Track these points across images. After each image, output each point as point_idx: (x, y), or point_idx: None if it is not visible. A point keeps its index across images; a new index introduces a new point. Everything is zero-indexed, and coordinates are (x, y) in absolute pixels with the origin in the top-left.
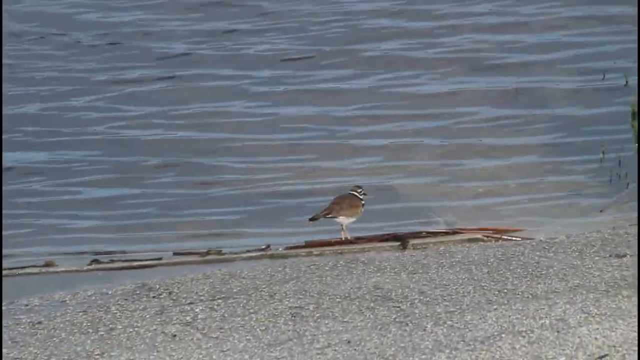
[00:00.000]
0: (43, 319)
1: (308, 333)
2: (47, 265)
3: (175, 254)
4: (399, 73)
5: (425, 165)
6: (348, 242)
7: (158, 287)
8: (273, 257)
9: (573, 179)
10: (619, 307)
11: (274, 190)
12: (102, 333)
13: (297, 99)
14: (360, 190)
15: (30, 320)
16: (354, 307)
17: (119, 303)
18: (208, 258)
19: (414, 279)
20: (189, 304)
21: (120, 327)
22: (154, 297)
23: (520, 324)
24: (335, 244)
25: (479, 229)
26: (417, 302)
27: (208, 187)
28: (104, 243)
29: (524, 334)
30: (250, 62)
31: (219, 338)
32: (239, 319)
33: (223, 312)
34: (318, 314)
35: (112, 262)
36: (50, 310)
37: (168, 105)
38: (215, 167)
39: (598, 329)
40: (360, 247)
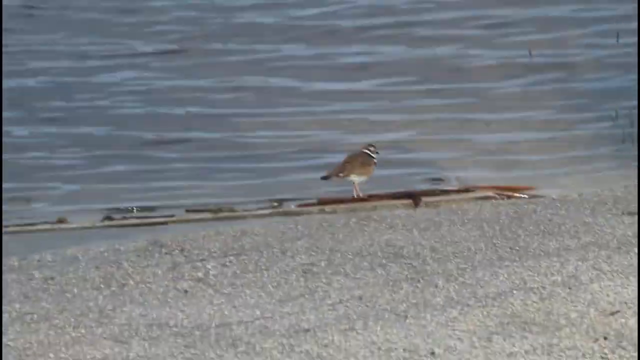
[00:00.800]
0: (55, 275)
1: (320, 289)
2: (59, 222)
3: (188, 211)
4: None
5: (438, 123)
6: (360, 199)
7: (170, 243)
8: (285, 214)
9: (586, 137)
10: (631, 264)
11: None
12: (114, 289)
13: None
14: (373, 149)
15: (43, 276)
16: (366, 263)
17: (131, 259)
18: (220, 215)
19: (426, 236)
20: (201, 261)
21: (133, 282)
22: (166, 253)
23: (532, 281)
24: (348, 202)
25: (491, 187)
26: (428, 259)
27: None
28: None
29: (536, 291)
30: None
31: (231, 294)
32: (251, 275)
33: (235, 268)
34: (330, 271)
35: (124, 219)
36: (63, 266)
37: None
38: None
39: (610, 286)
40: (373, 204)
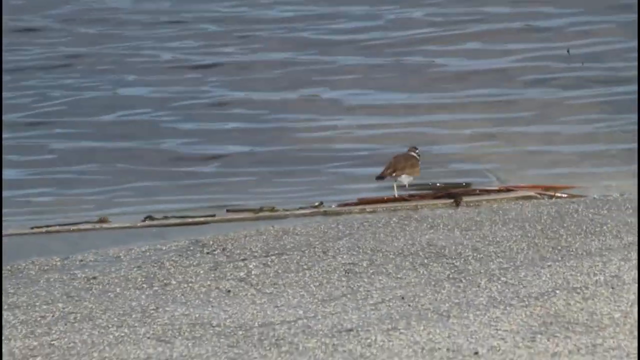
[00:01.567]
0: (98, 274)
1: (362, 289)
2: (101, 222)
3: (229, 211)
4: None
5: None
6: (401, 199)
7: (212, 243)
8: (326, 214)
9: (626, 135)
10: None
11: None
12: (156, 288)
13: None
14: (417, 151)
15: (85, 276)
16: (408, 263)
17: (173, 259)
18: (261, 215)
19: (467, 236)
20: (243, 260)
21: (175, 282)
22: (208, 253)
23: (575, 281)
24: (389, 201)
25: (532, 187)
26: (470, 258)
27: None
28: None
29: (579, 291)
30: None
31: (273, 293)
32: (293, 275)
33: (277, 268)
34: (371, 270)
35: (165, 218)
36: (105, 266)
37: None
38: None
39: None
40: (413, 204)
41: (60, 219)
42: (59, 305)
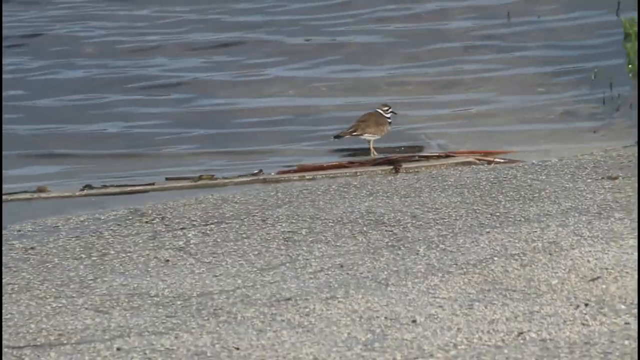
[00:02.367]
0: (36, 244)
1: (301, 257)
2: (39, 191)
3: (168, 179)
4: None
5: (418, 90)
6: (341, 165)
7: (151, 212)
8: (265, 181)
9: (564, 102)
10: (611, 229)
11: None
12: (94, 258)
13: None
14: (387, 108)
15: (23, 246)
16: (347, 231)
17: (112, 228)
18: (200, 183)
19: (407, 203)
20: (182, 229)
21: (113, 252)
22: (147, 222)
23: (513, 247)
24: (327, 168)
25: (471, 152)
26: (409, 225)
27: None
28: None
29: (517, 257)
30: None
31: (212, 263)
32: (232, 244)
33: (216, 237)
34: (310, 239)
35: (104, 187)
36: (43, 236)
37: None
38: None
39: (590, 252)
40: (353, 171)
41: None
42: None
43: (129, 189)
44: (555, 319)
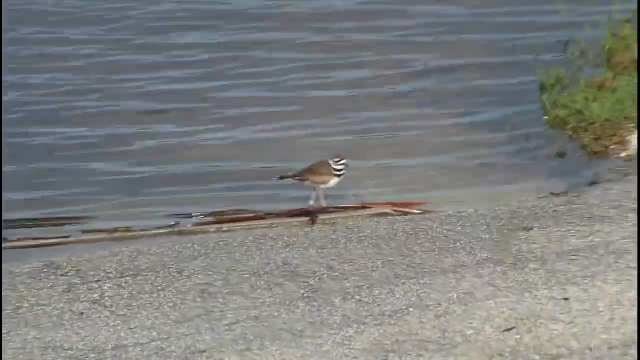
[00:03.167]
0: None
1: (216, 309)
2: None
3: (84, 232)
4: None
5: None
6: (257, 217)
7: (66, 265)
8: (181, 233)
9: (481, 153)
10: (526, 280)
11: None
12: (9, 311)
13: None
14: (338, 160)
15: None
16: (263, 283)
17: (26, 282)
18: (116, 235)
19: (323, 254)
20: (97, 282)
21: (28, 305)
22: (62, 275)
23: (428, 298)
24: (244, 220)
25: (388, 204)
26: (325, 277)
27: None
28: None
29: (432, 308)
30: None
31: (127, 315)
32: (147, 296)
33: (131, 289)
34: (227, 291)
35: (19, 240)
36: None
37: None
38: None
39: (505, 302)
40: (269, 222)
41: None
42: None
43: (44, 242)
44: None
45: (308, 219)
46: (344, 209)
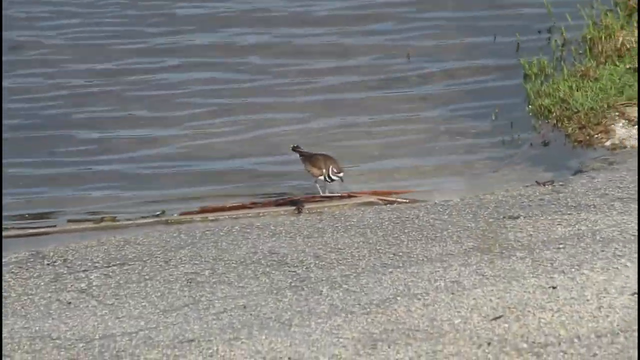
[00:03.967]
0: None
1: (204, 299)
2: None
3: (70, 221)
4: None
5: (319, 129)
6: (243, 207)
7: (52, 254)
8: (168, 223)
9: (466, 142)
10: (513, 268)
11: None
12: None
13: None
14: (336, 171)
15: None
16: (250, 272)
17: (13, 271)
18: (102, 225)
19: (309, 243)
20: (84, 271)
21: (14, 295)
22: (48, 264)
23: (416, 287)
24: (231, 209)
25: (374, 193)
26: (312, 266)
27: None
28: None
29: (419, 297)
30: None
31: (114, 305)
32: (134, 286)
33: (118, 278)
34: (214, 280)
35: (5, 229)
36: None
37: None
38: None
39: (492, 291)
40: (256, 211)
41: None
42: None
43: (30, 232)
44: (458, 359)
45: (294, 208)
46: (330, 198)
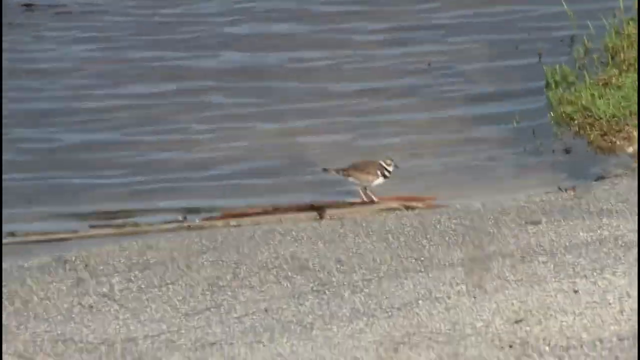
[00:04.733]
0: None
1: (225, 303)
2: None
3: (92, 227)
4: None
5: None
6: (265, 212)
7: (74, 259)
8: (190, 228)
9: (488, 148)
10: (535, 272)
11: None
12: (18, 305)
13: None
14: (390, 162)
15: None
16: (272, 276)
17: (35, 276)
18: (124, 230)
19: (331, 248)
20: (106, 276)
21: (37, 299)
22: (70, 269)
23: (437, 291)
24: (252, 215)
25: (396, 198)
26: (334, 270)
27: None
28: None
29: (441, 300)
30: None
31: (136, 309)
32: (156, 290)
33: (140, 283)
34: (235, 284)
35: (28, 235)
36: None
37: None
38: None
39: (514, 295)
40: (277, 217)
41: None
42: None
43: (53, 237)
44: None
45: (316, 214)
46: (351, 204)
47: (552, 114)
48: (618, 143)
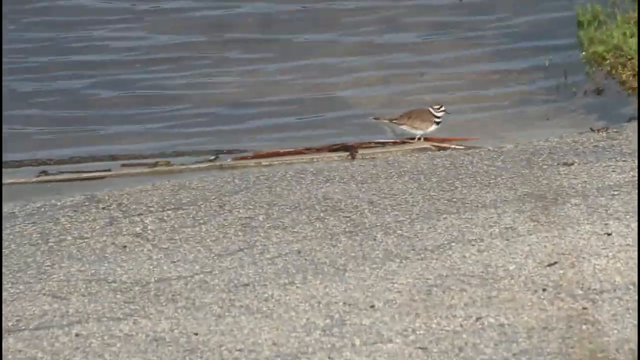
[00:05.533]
0: None
1: (258, 243)
2: None
3: (124, 166)
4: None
5: (373, 76)
6: (297, 152)
7: (107, 198)
8: (222, 167)
9: (519, 89)
10: (568, 215)
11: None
12: (52, 244)
13: None
14: (438, 107)
15: None
16: (304, 217)
17: (69, 215)
18: (157, 169)
19: (363, 189)
20: (139, 215)
21: (70, 238)
22: (103, 208)
23: (470, 233)
24: (284, 154)
25: (427, 139)
26: (366, 211)
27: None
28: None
29: (474, 243)
30: None
31: (169, 249)
32: (189, 230)
33: (173, 223)
34: (268, 225)
35: (60, 173)
36: None
37: None
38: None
39: (547, 237)
40: (309, 157)
41: None
42: None
43: (85, 176)
44: (513, 304)
45: (347, 154)
46: (383, 144)
47: (583, 54)
48: None
